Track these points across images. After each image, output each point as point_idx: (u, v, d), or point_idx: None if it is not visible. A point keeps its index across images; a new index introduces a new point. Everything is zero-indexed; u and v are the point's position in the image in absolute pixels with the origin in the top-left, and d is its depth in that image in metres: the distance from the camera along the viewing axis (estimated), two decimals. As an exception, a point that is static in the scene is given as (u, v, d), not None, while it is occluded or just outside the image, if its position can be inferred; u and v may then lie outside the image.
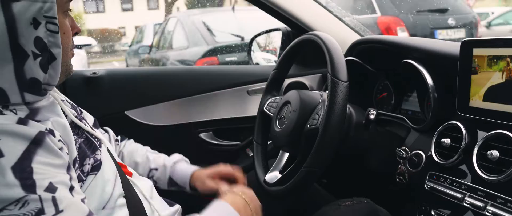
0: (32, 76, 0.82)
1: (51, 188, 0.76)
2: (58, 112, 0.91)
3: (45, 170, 0.77)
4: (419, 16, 6.14)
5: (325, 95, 1.17)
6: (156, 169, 1.32)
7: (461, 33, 6.17)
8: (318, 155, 1.04)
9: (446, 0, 6.29)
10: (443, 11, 6.20)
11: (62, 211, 0.76)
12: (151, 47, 7.68)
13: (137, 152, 1.34)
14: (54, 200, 0.75)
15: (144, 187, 1.10)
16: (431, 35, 6.01)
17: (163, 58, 6.55)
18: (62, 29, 0.86)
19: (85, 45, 6.79)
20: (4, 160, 0.72)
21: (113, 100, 1.75)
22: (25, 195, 0.73)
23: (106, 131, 1.31)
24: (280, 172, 1.26)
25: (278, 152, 1.36)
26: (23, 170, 0.74)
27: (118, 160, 1.14)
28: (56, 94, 0.96)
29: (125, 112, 1.74)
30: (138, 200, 1.03)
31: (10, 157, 0.73)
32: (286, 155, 1.32)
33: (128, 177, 1.08)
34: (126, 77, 1.83)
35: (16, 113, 0.82)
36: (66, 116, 0.95)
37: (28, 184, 0.74)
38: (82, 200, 0.82)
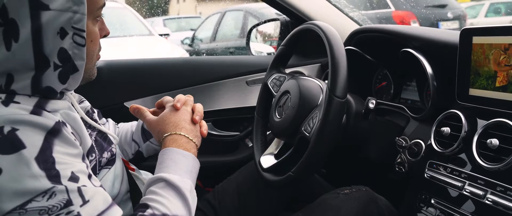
0: (47, 85, 0.80)
1: (73, 178, 0.76)
2: (68, 105, 0.90)
3: (66, 159, 0.77)
4: (426, 10, 7.35)
5: (325, 87, 1.16)
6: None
7: (456, 24, 7.44)
8: (306, 167, 1.06)
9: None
10: (443, 6, 7.48)
11: (88, 201, 0.76)
12: (193, 38, 8.34)
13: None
14: (80, 191, 0.76)
15: (145, 180, 1.11)
16: (436, 26, 7.12)
17: (225, 47, 7.35)
18: (90, 37, 0.84)
19: (163, 35, 6.88)
20: (27, 151, 0.72)
21: (112, 91, 1.75)
22: (52, 186, 0.73)
23: (107, 121, 1.31)
24: (276, 158, 1.26)
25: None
26: (46, 161, 0.73)
27: (121, 155, 1.14)
28: (69, 94, 0.95)
29: (124, 103, 1.73)
30: (140, 194, 1.03)
31: (32, 148, 0.73)
32: (280, 145, 1.31)
33: (131, 172, 1.09)
34: (125, 68, 1.83)
35: (30, 96, 0.80)
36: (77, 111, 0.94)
37: (53, 175, 0.74)
38: (102, 187, 0.83)
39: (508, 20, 10.45)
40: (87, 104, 1.06)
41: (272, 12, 5.97)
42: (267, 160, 1.26)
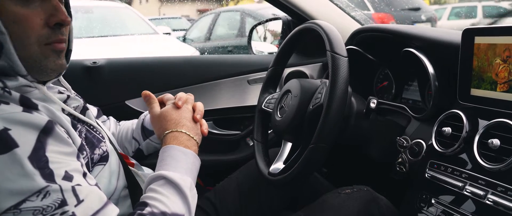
0: None
1: (67, 177, 0.76)
2: (52, 104, 0.90)
3: (59, 158, 0.77)
4: (402, 13, 8.04)
5: (326, 80, 1.17)
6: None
7: (428, 26, 8.18)
8: (325, 130, 1.02)
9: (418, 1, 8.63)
10: (417, 9, 8.25)
11: (83, 200, 0.76)
12: (184, 38, 8.53)
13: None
14: (74, 190, 0.75)
15: (146, 177, 1.10)
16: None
17: (223, 46, 7.54)
18: (13, 18, 0.80)
19: (165, 33, 7.10)
20: (20, 150, 0.72)
21: (113, 90, 1.75)
22: (46, 185, 0.72)
23: (108, 118, 1.31)
24: (284, 163, 1.25)
25: (279, 142, 1.36)
26: (39, 160, 0.73)
27: (120, 150, 1.14)
28: (45, 89, 0.91)
29: (126, 102, 1.73)
30: (140, 190, 1.03)
31: (25, 147, 0.73)
32: (288, 146, 1.30)
33: (130, 167, 1.09)
34: (126, 67, 1.83)
35: (10, 94, 0.80)
36: (63, 109, 0.93)
37: (47, 174, 0.73)
38: (97, 186, 0.83)
39: (469, 23, 11.22)
40: (80, 100, 1.06)
41: (269, 12, 6.02)
42: (275, 168, 1.23)
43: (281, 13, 1.89)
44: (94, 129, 1.02)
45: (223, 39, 7.66)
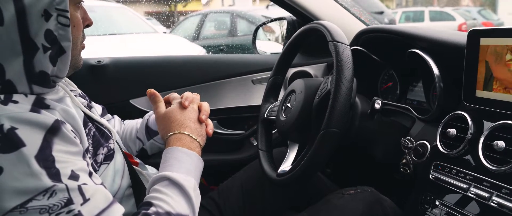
0: (41, 70, 0.81)
1: (74, 176, 0.76)
2: (67, 103, 0.91)
3: (66, 158, 0.77)
4: (368, 16, 8.15)
5: (330, 76, 1.16)
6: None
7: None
8: (335, 114, 0.99)
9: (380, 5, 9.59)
10: (381, 13, 8.99)
11: (89, 199, 0.77)
12: None
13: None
14: (80, 189, 0.76)
15: (150, 176, 1.11)
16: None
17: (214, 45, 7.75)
18: (72, 22, 0.85)
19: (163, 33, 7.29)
20: (27, 150, 0.72)
21: (118, 89, 1.75)
22: (53, 184, 0.73)
23: (112, 117, 1.32)
24: (292, 164, 1.23)
25: (284, 142, 1.35)
26: (46, 159, 0.74)
27: (125, 149, 1.14)
28: (66, 87, 0.96)
29: (130, 101, 1.74)
30: (144, 190, 1.03)
31: (32, 147, 0.73)
32: (295, 148, 1.29)
33: (134, 166, 1.09)
34: (131, 65, 1.83)
35: (26, 96, 0.81)
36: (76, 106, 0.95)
37: (53, 173, 0.74)
38: (103, 185, 0.83)
39: (419, 26, 12.31)
40: (86, 99, 1.07)
41: (259, 14, 6.08)
42: (283, 170, 1.20)
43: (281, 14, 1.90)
44: (103, 127, 1.03)
45: (213, 39, 7.82)
